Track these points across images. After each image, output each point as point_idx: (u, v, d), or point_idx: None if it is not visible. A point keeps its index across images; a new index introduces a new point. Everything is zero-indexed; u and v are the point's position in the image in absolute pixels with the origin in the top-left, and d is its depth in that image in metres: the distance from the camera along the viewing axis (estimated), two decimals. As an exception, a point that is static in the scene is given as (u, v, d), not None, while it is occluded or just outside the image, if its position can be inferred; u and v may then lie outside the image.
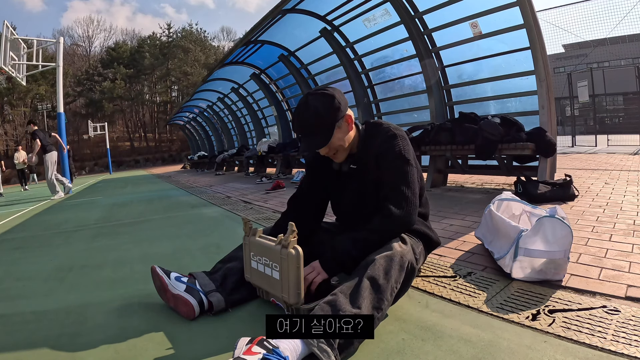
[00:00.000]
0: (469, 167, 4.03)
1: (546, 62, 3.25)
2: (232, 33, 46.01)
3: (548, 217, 1.34)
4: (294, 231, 1.15)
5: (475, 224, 2.24)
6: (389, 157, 1.28)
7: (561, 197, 2.72)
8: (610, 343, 0.95)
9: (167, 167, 23.12)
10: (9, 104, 30.05)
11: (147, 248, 2.47)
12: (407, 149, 1.30)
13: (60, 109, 8.70)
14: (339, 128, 1.28)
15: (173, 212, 4.08)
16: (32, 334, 1.30)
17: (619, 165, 4.68)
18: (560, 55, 21.59)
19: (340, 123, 1.28)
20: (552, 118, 3.26)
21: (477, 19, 3.77)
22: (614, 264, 1.44)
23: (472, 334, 1.06)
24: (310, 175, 1.51)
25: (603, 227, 1.95)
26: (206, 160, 14.30)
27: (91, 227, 3.56)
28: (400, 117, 5.25)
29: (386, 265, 1.10)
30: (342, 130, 1.30)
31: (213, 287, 1.33)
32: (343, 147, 1.32)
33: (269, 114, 9.28)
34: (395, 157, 1.28)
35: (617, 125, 17.37)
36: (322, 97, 1.26)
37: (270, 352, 0.89)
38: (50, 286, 1.82)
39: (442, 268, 1.60)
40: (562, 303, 1.19)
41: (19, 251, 2.76)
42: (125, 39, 40.64)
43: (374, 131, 1.36)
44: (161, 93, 38.65)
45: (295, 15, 5.49)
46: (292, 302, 1.15)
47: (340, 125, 1.28)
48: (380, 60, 5.36)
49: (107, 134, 25.33)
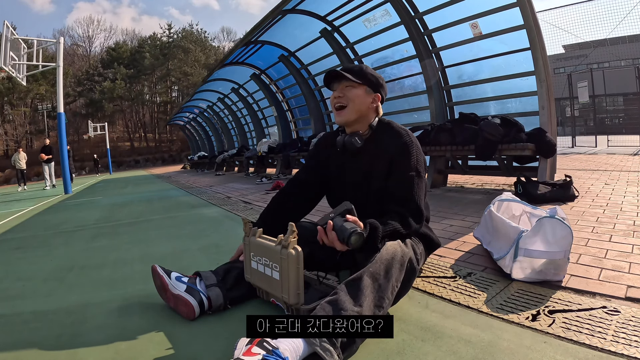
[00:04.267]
0: (469, 168, 4.03)
1: (546, 62, 3.26)
2: (232, 33, 46.08)
3: (548, 217, 1.34)
4: (294, 231, 1.15)
5: (475, 224, 2.24)
6: (404, 167, 1.27)
7: (561, 197, 2.72)
8: (610, 343, 0.95)
9: (167, 168, 23.12)
10: (9, 104, 30.06)
11: (147, 248, 2.47)
12: (421, 160, 1.31)
13: (61, 109, 8.71)
14: (366, 92, 1.35)
15: (173, 212, 4.08)
16: (32, 334, 1.29)
17: (619, 166, 4.68)
18: (561, 56, 21.58)
19: (370, 91, 1.36)
20: (552, 119, 3.26)
21: (477, 20, 3.77)
22: (614, 265, 1.44)
23: (472, 335, 1.06)
24: (314, 158, 1.52)
25: (603, 228, 1.95)
26: (206, 160, 14.31)
27: (91, 227, 3.56)
28: (401, 118, 5.24)
29: (387, 264, 1.10)
30: (366, 97, 1.35)
31: (214, 281, 1.34)
32: (354, 106, 1.34)
33: (269, 114, 9.29)
34: (410, 168, 1.27)
35: (617, 125, 17.38)
36: (375, 71, 1.42)
37: (269, 352, 0.89)
38: (50, 286, 1.82)
39: (442, 268, 1.60)
40: (562, 304, 1.19)
41: (19, 251, 2.76)
42: (125, 39, 40.69)
43: (386, 128, 1.37)
44: (161, 93, 38.67)
45: (296, 15, 5.49)
46: (292, 303, 1.15)
47: (369, 92, 1.36)
48: (380, 60, 5.36)
49: (107, 134, 25.33)
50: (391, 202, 1.26)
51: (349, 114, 1.34)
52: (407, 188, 1.26)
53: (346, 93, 1.34)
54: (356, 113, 1.34)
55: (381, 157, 1.32)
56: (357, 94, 1.34)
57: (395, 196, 1.26)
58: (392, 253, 1.12)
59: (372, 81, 1.36)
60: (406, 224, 1.22)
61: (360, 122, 1.37)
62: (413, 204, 1.24)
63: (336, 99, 1.36)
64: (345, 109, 1.34)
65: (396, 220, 1.21)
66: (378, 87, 1.37)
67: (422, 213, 1.26)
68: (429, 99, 4.42)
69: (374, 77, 1.37)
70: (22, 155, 11.95)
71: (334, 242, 1.14)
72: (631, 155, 6.08)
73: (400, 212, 1.23)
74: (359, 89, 1.34)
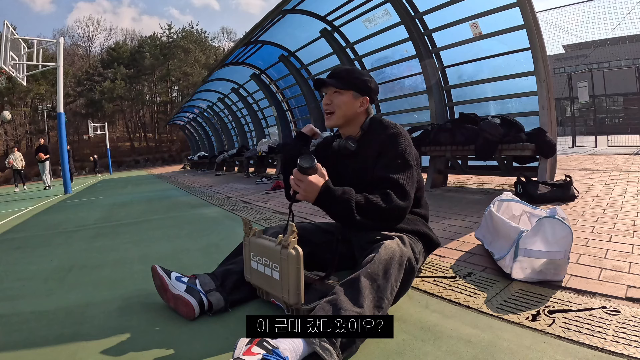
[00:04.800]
0: (469, 168, 4.03)
1: (546, 62, 3.25)
2: (232, 33, 46.12)
3: (548, 217, 1.34)
4: (294, 231, 1.15)
5: (475, 224, 2.24)
6: (390, 154, 1.30)
7: (561, 197, 2.72)
8: (610, 344, 0.95)
9: (167, 168, 23.13)
10: (9, 104, 30.05)
11: (147, 248, 2.47)
12: (410, 151, 1.33)
13: (61, 109, 8.71)
14: (354, 97, 1.39)
15: (173, 212, 4.08)
16: (32, 334, 1.29)
17: (619, 166, 4.68)
18: (561, 56, 21.57)
19: (358, 95, 1.40)
20: (552, 119, 3.26)
21: (477, 20, 3.77)
22: (614, 265, 1.44)
23: (472, 335, 1.06)
24: None
25: (603, 228, 1.95)
26: (206, 160, 14.30)
27: (91, 227, 3.56)
28: (401, 118, 5.24)
29: (385, 264, 1.09)
30: (353, 102, 1.39)
31: (213, 287, 1.33)
32: (340, 112, 1.39)
33: (269, 114, 9.29)
34: (397, 156, 1.29)
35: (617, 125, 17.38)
36: (366, 72, 1.46)
37: (269, 352, 0.89)
38: (50, 286, 1.82)
39: (442, 268, 1.60)
40: (562, 304, 1.19)
41: (19, 251, 2.76)
42: (125, 39, 40.75)
43: (377, 126, 1.40)
44: (161, 93, 38.71)
45: (296, 15, 5.49)
46: (292, 303, 1.15)
47: (356, 96, 1.39)
48: (380, 60, 5.36)
49: (107, 134, 25.33)
50: (377, 187, 1.27)
51: (336, 120, 1.41)
52: (392, 171, 1.27)
53: (333, 100, 1.39)
54: (343, 118, 1.41)
55: (370, 152, 1.35)
56: (344, 100, 1.39)
57: (379, 178, 1.28)
58: (391, 253, 1.12)
59: (359, 85, 1.39)
60: (388, 199, 1.22)
61: (350, 124, 1.43)
62: (395, 182, 1.25)
63: (325, 105, 1.42)
64: (333, 114, 1.40)
65: (377, 195, 1.23)
66: (366, 90, 1.40)
67: (406, 191, 1.25)
68: (429, 99, 4.42)
69: (361, 80, 1.39)
70: (18, 155, 11.87)
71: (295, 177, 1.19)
72: (631, 155, 6.08)
73: (382, 189, 1.24)
74: (345, 95, 1.39)
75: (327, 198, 1.20)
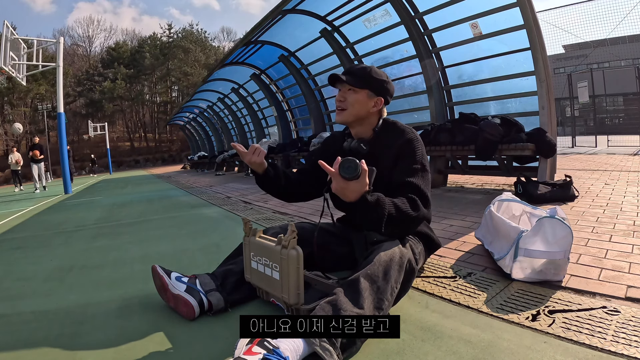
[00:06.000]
0: (469, 168, 4.03)
1: (546, 62, 3.26)
2: (232, 33, 46.17)
3: (548, 217, 1.34)
4: (294, 231, 1.15)
5: (475, 224, 2.24)
6: (410, 160, 1.28)
7: (561, 197, 2.72)
8: (610, 344, 0.95)
9: (167, 168, 23.13)
10: (9, 104, 30.07)
11: (147, 248, 2.47)
12: (425, 157, 1.33)
13: (61, 109, 8.71)
14: (368, 97, 1.35)
15: (173, 212, 4.08)
16: (32, 334, 1.29)
17: (619, 166, 4.68)
18: (561, 56, 21.57)
19: (373, 95, 1.36)
20: (552, 119, 3.26)
21: (477, 20, 3.77)
22: (614, 265, 1.44)
23: (472, 335, 1.06)
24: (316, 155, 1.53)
25: (603, 228, 1.95)
26: (206, 160, 14.31)
27: (91, 227, 3.56)
28: (401, 118, 5.22)
29: (385, 266, 1.09)
30: (367, 102, 1.35)
31: (213, 287, 1.33)
32: (352, 110, 1.35)
33: (269, 114, 9.29)
34: (416, 161, 1.28)
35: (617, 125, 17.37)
36: (383, 73, 1.41)
37: (270, 352, 0.89)
38: (50, 286, 1.82)
39: (442, 268, 1.60)
40: (562, 304, 1.19)
41: (19, 251, 2.76)
42: (125, 39, 40.77)
43: (390, 128, 1.38)
44: (161, 93, 38.71)
45: (296, 15, 5.49)
46: (292, 303, 1.15)
47: (371, 96, 1.36)
48: (380, 60, 5.36)
49: (107, 134, 25.34)
50: (398, 191, 1.24)
51: (346, 117, 1.38)
52: (414, 177, 1.26)
53: (347, 97, 1.36)
54: (354, 116, 1.37)
55: (386, 155, 1.33)
56: (357, 98, 1.35)
57: (401, 184, 1.26)
58: (391, 255, 1.12)
59: (374, 85, 1.35)
60: (415, 206, 1.20)
61: (361, 124, 1.39)
62: (420, 190, 1.25)
63: (338, 101, 1.39)
64: (345, 111, 1.37)
65: (405, 202, 1.20)
66: (382, 90, 1.37)
67: (428, 200, 1.26)
68: (429, 99, 4.43)
69: (377, 80, 1.36)
70: (17, 155, 11.83)
71: (334, 172, 1.09)
72: (631, 155, 6.08)
73: (408, 196, 1.22)
74: (360, 94, 1.35)
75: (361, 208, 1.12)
